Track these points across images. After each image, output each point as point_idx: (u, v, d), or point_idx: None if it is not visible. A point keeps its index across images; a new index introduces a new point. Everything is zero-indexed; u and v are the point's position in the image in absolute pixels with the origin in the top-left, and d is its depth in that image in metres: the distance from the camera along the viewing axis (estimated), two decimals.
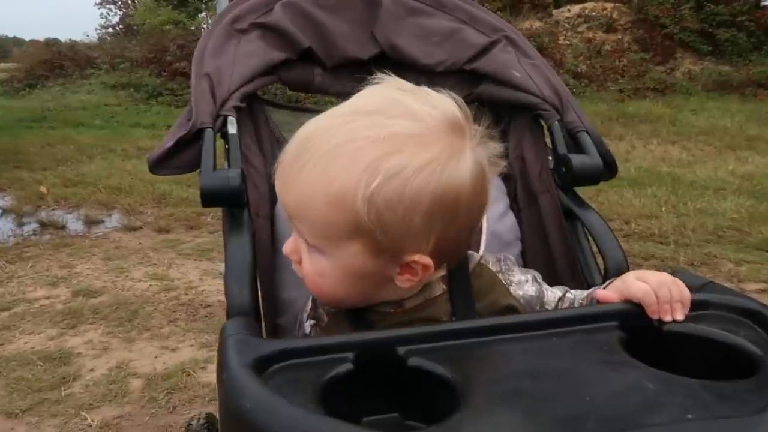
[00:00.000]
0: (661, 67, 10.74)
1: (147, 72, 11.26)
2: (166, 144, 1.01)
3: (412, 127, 0.70)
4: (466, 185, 0.72)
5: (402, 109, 0.71)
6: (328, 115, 0.75)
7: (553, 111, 1.16)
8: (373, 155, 0.68)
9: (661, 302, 0.72)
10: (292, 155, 0.73)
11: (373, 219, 0.69)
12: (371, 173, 0.68)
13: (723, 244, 3.75)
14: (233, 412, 0.54)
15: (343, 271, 0.74)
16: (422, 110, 0.72)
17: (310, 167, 0.70)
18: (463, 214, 0.74)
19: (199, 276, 3.41)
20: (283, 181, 0.75)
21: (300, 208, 0.73)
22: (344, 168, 0.69)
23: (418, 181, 0.68)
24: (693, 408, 0.53)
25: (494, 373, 0.60)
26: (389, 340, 0.64)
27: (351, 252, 0.72)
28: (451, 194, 0.71)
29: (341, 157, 0.69)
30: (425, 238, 0.72)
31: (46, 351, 2.58)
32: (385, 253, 0.72)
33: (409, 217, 0.69)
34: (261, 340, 0.67)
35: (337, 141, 0.70)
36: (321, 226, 0.72)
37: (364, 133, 0.69)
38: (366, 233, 0.70)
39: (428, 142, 0.70)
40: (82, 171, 5.89)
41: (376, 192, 0.68)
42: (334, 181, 0.69)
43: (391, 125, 0.70)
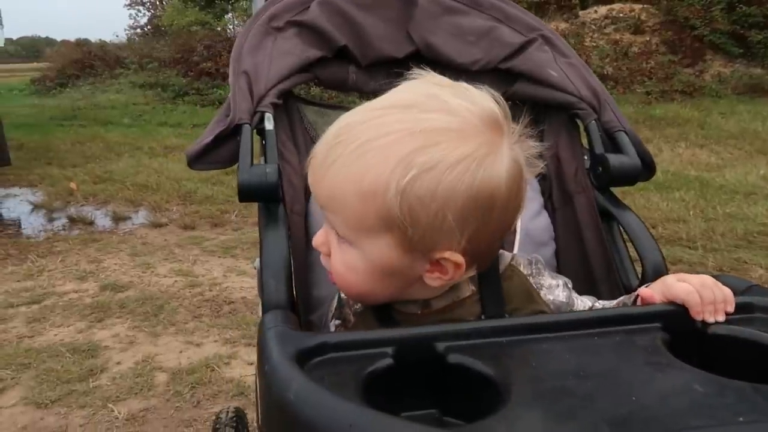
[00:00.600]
0: (689, 69, 10.56)
1: (174, 72, 11.42)
2: (205, 139, 1.02)
3: (449, 122, 0.69)
4: (502, 184, 0.71)
5: (438, 104, 0.70)
6: (363, 109, 0.75)
7: (590, 110, 1.15)
8: (408, 148, 0.67)
9: (705, 303, 0.70)
10: (325, 148, 0.73)
11: (405, 213, 0.68)
12: (405, 166, 0.67)
13: (753, 250, 3.67)
14: (277, 405, 0.54)
15: (373, 265, 0.73)
16: (459, 105, 0.70)
17: (343, 159, 0.70)
18: (498, 214, 0.72)
19: (223, 273, 3.45)
20: (316, 174, 0.74)
21: (332, 200, 0.73)
22: (377, 161, 0.68)
23: (453, 176, 0.67)
24: (744, 411, 0.52)
25: (536, 371, 0.60)
26: (429, 336, 0.64)
27: (381, 246, 0.72)
28: (486, 192, 0.69)
29: (375, 149, 0.68)
30: (458, 236, 0.71)
31: (74, 343, 2.63)
32: (415, 249, 0.71)
33: (442, 214, 0.68)
34: (301, 333, 0.67)
35: (371, 134, 0.69)
36: (352, 218, 0.71)
37: (398, 127, 0.69)
38: (397, 228, 0.69)
39: (465, 137, 0.69)
40: (110, 168, 5.99)
41: (409, 185, 0.67)
42: (367, 173, 0.68)
43: (426, 119, 0.69)
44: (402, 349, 0.63)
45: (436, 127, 0.68)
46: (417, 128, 0.68)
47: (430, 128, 0.68)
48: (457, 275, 0.75)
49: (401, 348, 0.63)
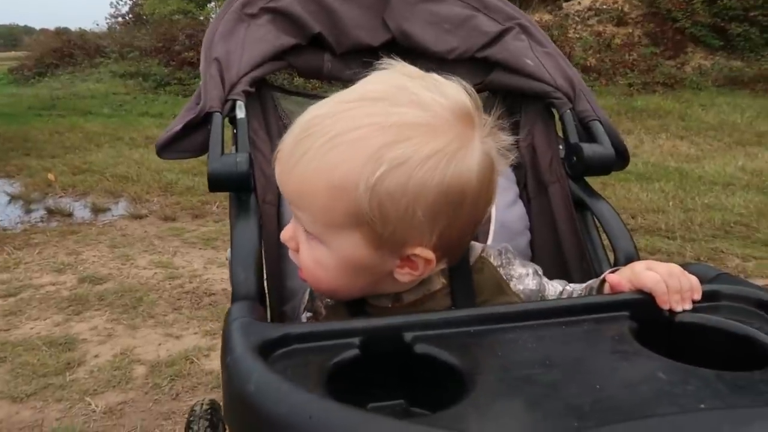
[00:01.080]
0: (671, 61, 10.63)
1: (155, 61, 11.26)
2: (174, 128, 1.00)
3: (420, 116, 0.68)
4: (473, 178, 0.70)
5: (409, 97, 0.69)
6: (331, 101, 0.73)
7: (565, 99, 1.14)
8: (378, 143, 0.66)
9: (672, 292, 0.71)
10: (293, 141, 0.71)
11: (375, 210, 0.67)
12: (375, 162, 0.66)
13: (730, 240, 3.72)
14: (238, 397, 0.53)
15: (342, 261, 0.72)
16: (430, 98, 0.69)
17: (311, 154, 0.68)
18: (469, 208, 0.71)
19: (203, 264, 3.42)
20: (283, 168, 0.72)
21: (300, 195, 0.71)
22: (347, 156, 0.67)
23: (424, 172, 0.66)
24: (707, 398, 0.52)
25: (503, 360, 0.59)
26: (396, 326, 0.63)
27: (350, 242, 0.70)
28: (457, 187, 0.68)
29: (344, 144, 0.67)
30: (428, 232, 0.70)
31: (51, 337, 2.59)
32: (385, 245, 0.70)
33: (412, 210, 0.67)
34: (266, 324, 0.66)
35: (341, 128, 0.68)
36: (321, 214, 0.70)
37: (368, 121, 0.67)
38: (367, 224, 0.68)
39: (436, 131, 0.68)
40: (89, 159, 5.91)
41: (379, 182, 0.66)
42: (336, 168, 0.67)
43: (397, 113, 0.68)
44: (369, 339, 0.62)
45: (407, 122, 0.67)
46: (387, 123, 0.67)
47: (401, 123, 0.67)
48: (427, 270, 0.74)
49: (368, 338, 0.62)
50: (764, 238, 3.70)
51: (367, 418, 0.46)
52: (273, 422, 0.48)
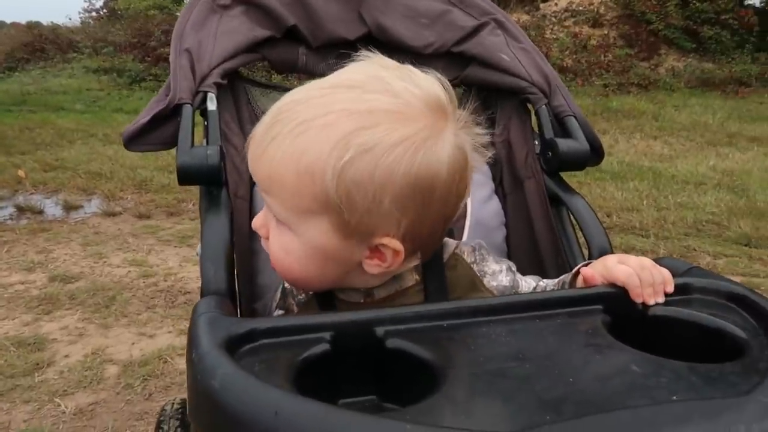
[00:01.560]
0: (645, 63, 10.80)
1: (130, 57, 11.07)
2: (142, 119, 0.98)
3: (391, 104, 0.67)
4: (443, 170, 0.69)
5: (382, 85, 0.68)
6: (305, 88, 0.72)
7: (540, 95, 1.14)
8: (346, 129, 0.65)
9: (645, 285, 0.71)
10: (264, 127, 0.70)
11: (342, 196, 0.66)
12: (342, 147, 0.65)
13: (702, 238, 3.79)
14: (202, 393, 0.51)
15: (310, 249, 0.71)
16: (403, 88, 0.68)
17: (281, 139, 0.68)
18: (439, 200, 0.70)
19: (178, 263, 3.36)
20: (254, 153, 0.72)
21: (270, 181, 0.70)
22: (315, 141, 0.66)
23: (391, 159, 0.65)
24: (679, 390, 0.52)
25: (476, 354, 0.58)
26: (367, 321, 0.62)
27: (319, 230, 0.70)
28: (425, 177, 0.67)
29: (313, 129, 0.66)
30: (395, 222, 0.69)
31: (20, 337, 2.52)
32: (353, 233, 0.69)
33: (380, 198, 0.66)
34: (233, 318, 0.64)
35: (311, 113, 0.67)
36: (290, 200, 0.69)
37: (339, 107, 0.67)
38: (334, 211, 0.67)
39: (406, 119, 0.67)
40: (61, 156, 5.78)
41: (346, 167, 0.65)
42: (305, 153, 0.66)
43: (368, 100, 0.67)
44: (339, 334, 0.61)
45: (377, 108, 0.67)
46: (356, 109, 0.66)
47: (371, 109, 0.66)
48: (396, 263, 0.73)
49: (338, 333, 0.61)
50: (734, 236, 3.77)
51: (334, 412, 0.44)
52: (238, 419, 0.46)
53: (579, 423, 0.44)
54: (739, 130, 7.43)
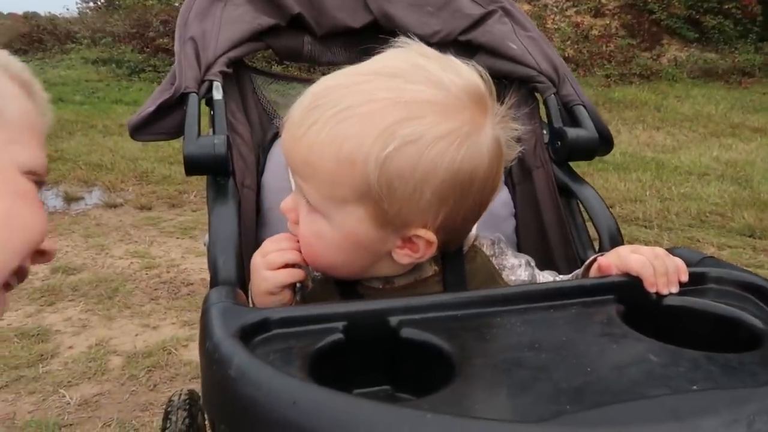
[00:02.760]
0: (647, 53, 10.75)
1: (129, 48, 11.01)
2: (147, 108, 0.97)
3: (435, 95, 0.67)
4: (484, 163, 0.69)
5: (425, 75, 0.68)
6: (344, 73, 0.71)
7: (549, 84, 1.13)
8: (391, 119, 0.65)
9: (659, 274, 0.70)
10: (303, 110, 0.69)
11: (383, 186, 0.65)
12: (387, 137, 0.64)
13: (706, 229, 3.78)
14: (218, 383, 0.51)
15: (343, 237, 0.70)
16: (446, 78, 0.68)
17: (321, 124, 0.66)
18: (476, 194, 0.71)
19: (181, 254, 3.36)
20: (291, 137, 0.70)
21: (306, 165, 0.69)
22: (358, 129, 0.65)
23: (436, 151, 0.65)
24: (698, 380, 0.51)
25: (491, 344, 0.58)
26: (381, 311, 0.62)
27: (354, 218, 0.69)
28: (467, 170, 0.68)
29: (356, 116, 0.65)
30: (433, 214, 0.69)
31: (23, 328, 2.52)
32: (389, 224, 0.69)
33: (420, 189, 0.66)
34: (246, 308, 0.64)
35: (354, 100, 0.66)
36: (327, 187, 0.68)
37: (382, 95, 0.66)
38: (373, 200, 0.67)
39: (450, 112, 0.67)
40: (61, 147, 5.75)
41: (389, 158, 0.64)
42: (346, 141, 0.65)
43: (412, 90, 0.66)
44: (353, 324, 0.60)
45: (421, 100, 0.66)
46: (401, 99, 0.66)
47: (415, 100, 0.66)
48: (427, 253, 0.73)
49: (352, 323, 0.60)
50: (738, 227, 3.76)
51: (354, 401, 0.44)
52: (255, 408, 0.46)
53: (602, 412, 0.44)
54: (742, 120, 7.40)
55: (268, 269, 0.74)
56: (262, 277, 0.74)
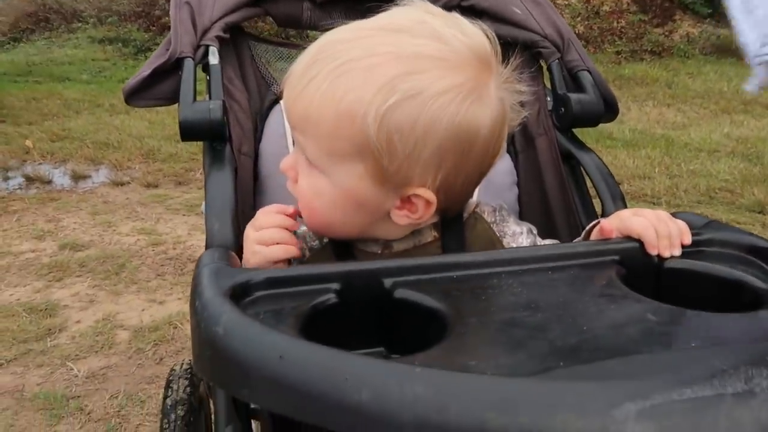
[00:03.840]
0: (659, 29, 10.55)
1: (135, 26, 10.96)
2: (143, 73, 0.95)
3: (438, 50, 0.65)
4: (486, 123, 0.68)
5: (429, 31, 0.67)
6: (347, 28, 0.70)
7: (553, 49, 1.10)
8: (392, 73, 0.63)
9: (661, 237, 0.69)
10: (304, 65, 0.68)
11: (383, 141, 0.64)
12: (387, 91, 0.63)
13: (715, 205, 3.74)
14: (206, 341, 0.50)
15: (342, 194, 0.69)
16: (451, 35, 0.67)
17: (321, 78, 0.65)
18: (477, 154, 0.69)
19: (187, 231, 3.37)
20: (291, 92, 0.69)
21: (306, 120, 0.68)
22: (359, 82, 0.64)
23: (437, 107, 0.64)
24: (697, 338, 0.50)
25: (487, 304, 0.57)
26: (375, 271, 0.61)
27: (353, 175, 0.68)
28: (468, 128, 0.66)
29: (357, 71, 0.64)
30: (433, 172, 0.68)
31: (31, 303, 2.55)
32: (388, 182, 0.68)
33: (421, 146, 0.65)
34: (237, 269, 0.63)
35: (355, 53, 0.65)
36: (326, 142, 0.67)
37: (384, 49, 0.65)
38: (372, 156, 0.65)
39: (453, 67, 0.65)
40: (68, 126, 5.76)
41: (389, 112, 0.63)
42: (346, 95, 0.64)
43: (415, 45, 0.65)
44: (346, 285, 0.59)
45: (424, 54, 0.65)
46: (403, 53, 0.64)
47: (418, 54, 0.65)
48: (426, 215, 0.72)
49: (345, 284, 0.59)
50: (748, 203, 3.72)
51: (341, 356, 0.43)
52: (243, 364, 0.45)
53: (596, 366, 0.43)
54: (754, 97, 7.26)
55: (260, 244, 0.73)
56: (253, 250, 0.73)
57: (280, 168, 0.76)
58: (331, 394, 0.40)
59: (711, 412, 0.37)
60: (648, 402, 0.37)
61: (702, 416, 0.37)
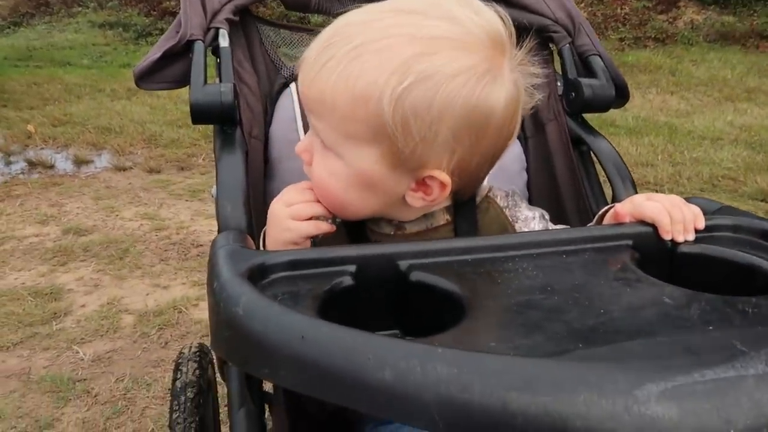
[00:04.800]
0: (663, 15, 10.47)
1: (135, 11, 10.88)
2: (153, 55, 0.95)
3: (452, 31, 0.65)
4: (501, 104, 0.68)
5: (442, 12, 0.67)
6: (361, 11, 0.70)
7: (564, 33, 1.10)
8: (406, 54, 0.63)
9: (674, 222, 0.69)
10: (319, 47, 0.68)
11: (398, 123, 0.64)
12: (402, 73, 0.63)
13: (717, 193, 3.73)
14: (225, 322, 0.50)
15: (357, 176, 0.70)
16: (465, 16, 0.67)
17: (336, 61, 0.65)
18: (491, 136, 0.69)
19: (190, 216, 3.37)
20: (306, 75, 0.69)
21: (321, 104, 0.68)
22: (374, 65, 0.64)
23: (451, 88, 0.64)
24: (714, 321, 0.50)
25: (503, 287, 0.57)
26: (391, 255, 0.61)
27: (369, 158, 0.68)
28: (483, 110, 0.66)
29: (372, 53, 0.64)
30: (448, 154, 0.68)
31: (36, 287, 2.56)
32: (403, 164, 0.68)
33: (436, 127, 0.65)
34: (254, 251, 0.63)
35: (369, 36, 0.65)
36: (342, 125, 0.67)
37: (398, 31, 0.65)
38: (388, 139, 0.65)
39: (467, 48, 0.65)
40: (70, 111, 5.74)
41: (404, 94, 0.63)
42: (361, 77, 0.64)
43: (428, 26, 0.65)
44: (362, 267, 0.59)
45: (438, 35, 0.65)
46: (417, 35, 0.64)
47: (432, 35, 0.65)
48: (441, 197, 0.72)
49: (361, 267, 0.59)
50: (751, 191, 3.71)
51: (363, 336, 0.43)
52: (264, 345, 0.45)
53: (615, 348, 0.43)
54: (758, 85, 7.24)
55: (294, 219, 0.72)
56: (285, 227, 0.73)
57: (295, 151, 0.76)
58: (354, 374, 0.40)
59: (733, 394, 0.37)
60: (670, 383, 0.37)
61: (724, 397, 0.37)
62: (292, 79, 1.06)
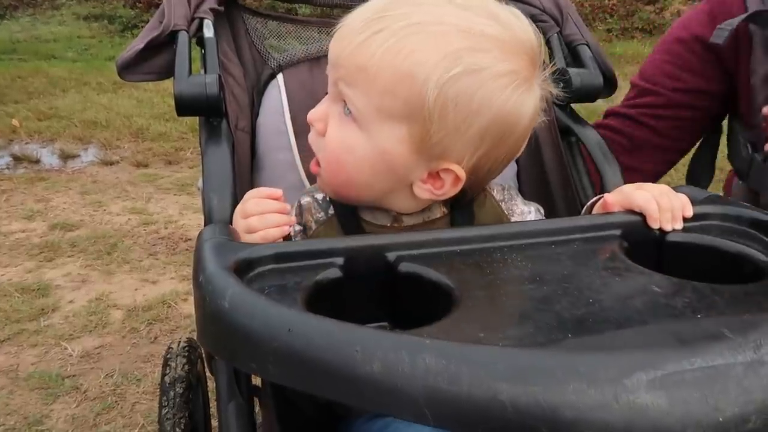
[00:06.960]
0: (650, 6, 10.50)
1: (121, 3, 10.75)
2: (136, 46, 0.93)
3: (501, 33, 0.67)
4: (528, 115, 0.70)
5: (490, 12, 0.68)
6: None
7: (552, 23, 1.09)
8: (459, 45, 0.65)
9: (663, 210, 0.69)
10: (368, 16, 0.67)
11: (437, 108, 0.65)
12: (453, 60, 0.64)
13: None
14: (211, 315, 0.49)
15: (375, 154, 0.69)
16: (510, 20, 0.69)
17: (388, 33, 0.65)
18: (510, 145, 0.71)
19: (179, 210, 3.34)
20: (347, 40, 0.68)
21: (362, 72, 0.67)
22: (426, 46, 0.64)
23: (494, 87, 0.65)
24: (702, 309, 0.50)
25: (492, 277, 0.57)
26: (379, 246, 0.60)
27: (394, 137, 0.68)
28: (513, 116, 0.68)
29: (426, 34, 0.65)
30: (470, 151, 0.69)
31: (23, 283, 2.53)
32: (426, 151, 0.68)
33: (470, 121, 0.66)
34: (240, 243, 0.62)
35: (425, 18, 0.66)
36: (378, 97, 0.66)
37: (452, 20, 0.66)
38: (421, 121, 0.66)
39: (512, 52, 0.67)
40: (55, 104, 5.67)
41: (451, 81, 0.64)
42: (412, 54, 0.64)
43: (480, 23, 0.66)
44: (350, 259, 0.59)
45: (489, 34, 0.66)
46: (471, 29, 0.66)
47: (484, 33, 0.66)
48: (450, 192, 0.72)
49: (349, 258, 0.59)
50: None
51: (350, 328, 0.43)
52: (250, 338, 0.45)
53: (605, 337, 0.43)
54: None
55: (248, 233, 0.70)
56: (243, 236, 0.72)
57: (307, 118, 0.74)
58: (342, 366, 0.40)
59: (722, 381, 0.37)
60: (659, 371, 0.37)
61: (713, 385, 0.37)
62: (279, 70, 1.04)
